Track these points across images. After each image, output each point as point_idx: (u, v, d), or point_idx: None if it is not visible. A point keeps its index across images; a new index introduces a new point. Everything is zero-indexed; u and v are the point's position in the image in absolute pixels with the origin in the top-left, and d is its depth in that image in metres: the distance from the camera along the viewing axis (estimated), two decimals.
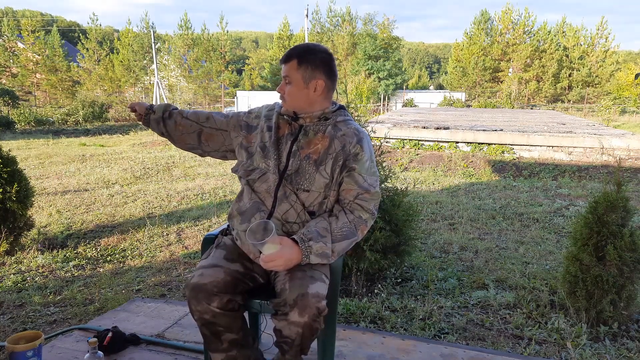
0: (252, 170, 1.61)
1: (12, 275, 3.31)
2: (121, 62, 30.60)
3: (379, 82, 30.72)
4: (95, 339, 1.81)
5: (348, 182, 1.57)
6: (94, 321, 2.41)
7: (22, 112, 17.96)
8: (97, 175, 7.60)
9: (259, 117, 1.68)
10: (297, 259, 1.46)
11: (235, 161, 1.71)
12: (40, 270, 3.44)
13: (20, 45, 28.59)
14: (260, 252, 1.46)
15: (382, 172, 3.07)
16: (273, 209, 1.56)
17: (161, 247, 4.05)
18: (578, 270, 2.47)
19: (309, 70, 1.55)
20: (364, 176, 1.57)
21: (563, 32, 32.75)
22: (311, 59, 1.55)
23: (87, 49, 31.71)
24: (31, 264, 3.54)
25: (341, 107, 1.66)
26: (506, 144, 9.53)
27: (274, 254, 1.43)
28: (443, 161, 8.95)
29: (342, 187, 1.58)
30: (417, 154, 9.50)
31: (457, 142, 9.84)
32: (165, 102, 18.11)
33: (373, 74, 30.88)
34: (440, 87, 47.37)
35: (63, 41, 31.51)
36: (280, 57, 1.67)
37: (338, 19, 34.85)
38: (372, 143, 3.16)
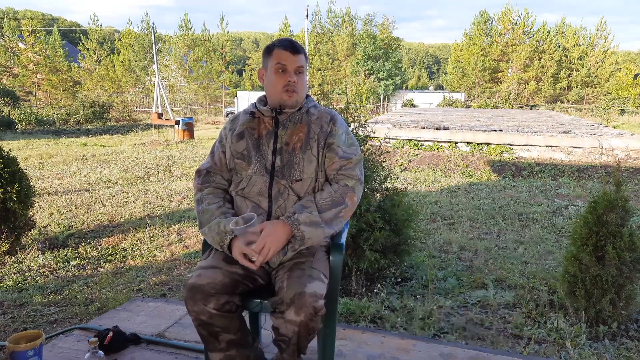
0: (240, 181, 1.65)
1: (12, 275, 3.32)
2: (122, 62, 30.61)
3: (379, 82, 30.71)
4: (96, 339, 1.81)
5: (329, 157, 1.63)
6: (95, 321, 2.42)
7: (22, 112, 17.95)
8: (98, 175, 7.60)
9: (226, 137, 1.71)
10: (286, 233, 1.50)
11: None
12: (41, 270, 3.44)
13: (21, 45, 28.58)
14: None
15: (381, 172, 3.08)
16: (270, 209, 1.58)
17: (162, 246, 4.06)
18: (577, 270, 2.47)
19: (307, 63, 1.66)
20: (342, 147, 1.64)
21: (562, 33, 32.75)
22: (307, 55, 1.67)
23: (88, 50, 31.72)
24: (32, 264, 3.54)
25: (307, 95, 1.74)
26: (505, 144, 9.54)
27: (260, 240, 1.46)
28: (442, 161, 8.95)
29: (326, 164, 1.64)
30: (417, 154, 9.51)
31: (457, 142, 9.85)
32: (166, 102, 18.03)
33: (373, 74, 30.87)
34: (439, 87, 47.36)
35: (64, 41, 31.51)
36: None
37: (338, 20, 34.84)
38: (372, 143, 3.18)
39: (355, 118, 3.08)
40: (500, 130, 10.21)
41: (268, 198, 1.59)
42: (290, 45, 1.59)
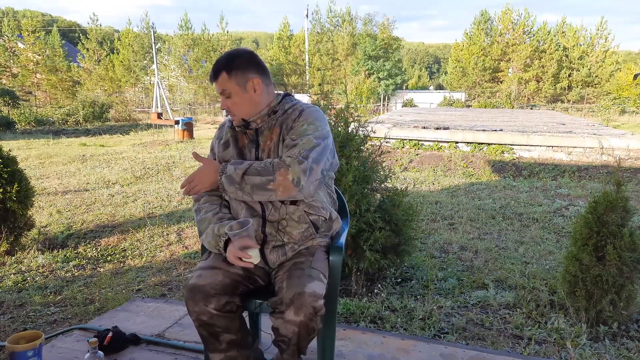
0: None
1: (12, 275, 3.32)
2: (121, 62, 30.58)
3: (379, 82, 30.68)
4: (96, 339, 1.81)
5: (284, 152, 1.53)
6: (94, 321, 2.41)
7: (22, 112, 17.94)
8: (98, 175, 7.60)
9: (215, 144, 1.71)
10: (215, 175, 1.53)
11: None
12: (40, 270, 3.44)
13: (20, 45, 28.57)
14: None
15: (382, 172, 3.08)
16: (264, 212, 1.59)
17: (161, 247, 4.05)
18: (578, 270, 2.47)
19: (240, 76, 1.55)
20: (293, 137, 1.53)
21: (563, 33, 32.73)
22: (237, 64, 1.55)
23: (88, 49, 31.69)
24: (31, 264, 3.54)
25: (286, 95, 1.67)
26: (506, 144, 9.53)
27: (191, 175, 1.56)
28: (443, 161, 8.94)
29: None
30: (417, 154, 9.50)
31: (457, 142, 9.84)
32: (166, 102, 18.00)
33: (373, 74, 30.84)
34: (440, 87, 47.32)
35: (63, 41, 31.50)
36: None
37: (338, 19, 34.82)
38: (372, 143, 3.17)
39: (355, 118, 3.08)
40: (501, 130, 10.20)
41: (259, 203, 1.59)
42: (211, 74, 1.57)
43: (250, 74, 1.56)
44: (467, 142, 9.77)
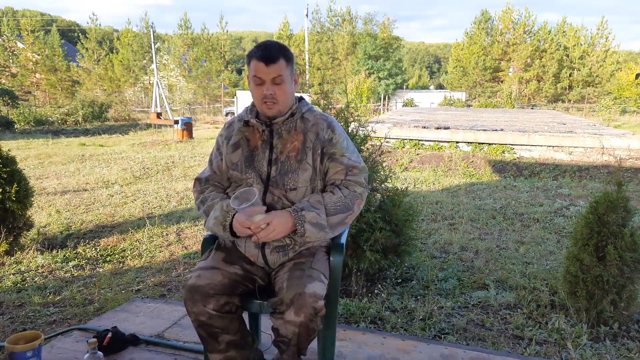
0: (239, 186, 1.63)
1: (11, 276, 3.31)
2: (121, 61, 30.60)
3: (379, 81, 30.67)
4: (95, 339, 1.81)
5: (334, 166, 1.59)
6: (94, 321, 2.41)
7: (21, 112, 17.90)
8: (97, 175, 7.59)
9: (223, 144, 1.68)
10: (290, 225, 1.47)
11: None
12: (39, 271, 3.43)
13: (19, 45, 28.57)
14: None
15: (382, 172, 3.07)
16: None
17: (161, 247, 4.05)
18: (578, 271, 2.46)
19: (292, 66, 1.57)
20: (347, 155, 1.60)
21: (563, 32, 32.73)
22: (291, 55, 1.57)
23: (87, 49, 31.71)
24: (31, 264, 3.53)
25: (301, 98, 1.68)
26: (507, 144, 9.52)
27: (266, 219, 1.44)
28: (443, 161, 8.94)
29: (330, 173, 1.60)
30: (418, 154, 9.50)
31: (458, 142, 9.83)
32: (165, 102, 17.99)
33: (373, 73, 30.83)
34: (440, 86, 47.34)
35: (62, 41, 31.46)
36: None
37: (338, 19, 34.82)
38: (373, 143, 3.17)
39: (355, 118, 3.07)
40: (502, 129, 10.19)
41: (263, 204, 1.58)
42: (264, 56, 1.48)
43: (294, 68, 1.59)
44: (468, 142, 9.77)
